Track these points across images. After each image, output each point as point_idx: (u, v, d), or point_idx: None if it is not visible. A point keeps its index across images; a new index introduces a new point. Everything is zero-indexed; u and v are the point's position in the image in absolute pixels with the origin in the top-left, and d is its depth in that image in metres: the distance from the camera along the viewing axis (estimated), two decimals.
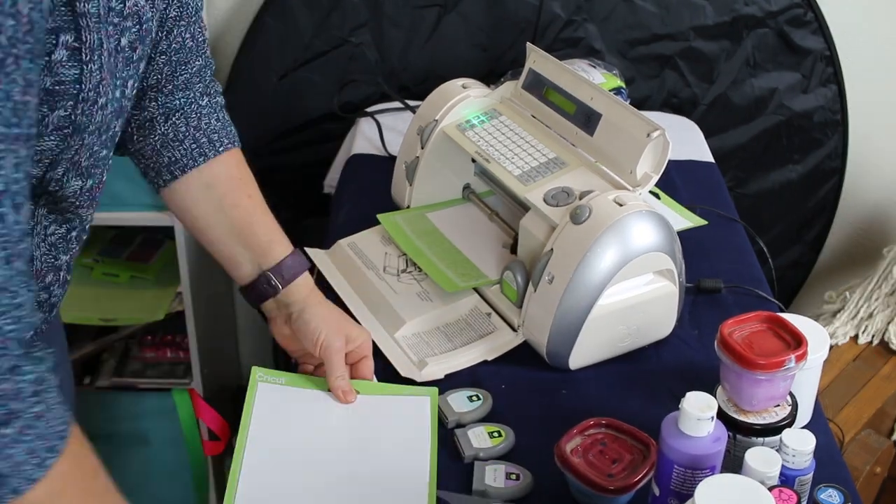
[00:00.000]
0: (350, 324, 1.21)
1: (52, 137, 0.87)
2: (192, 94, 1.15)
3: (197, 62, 1.14)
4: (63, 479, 0.81)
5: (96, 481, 0.86)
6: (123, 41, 0.90)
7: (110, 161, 1.02)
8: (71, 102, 0.85)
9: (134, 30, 0.92)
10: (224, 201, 1.17)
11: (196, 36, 1.12)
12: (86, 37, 0.83)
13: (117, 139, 1.01)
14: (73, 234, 1.03)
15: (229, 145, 1.18)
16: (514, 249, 1.37)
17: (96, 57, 0.85)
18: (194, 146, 1.15)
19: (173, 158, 1.15)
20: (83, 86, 0.85)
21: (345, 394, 1.17)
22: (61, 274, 1.05)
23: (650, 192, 1.36)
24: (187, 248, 1.87)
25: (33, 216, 0.95)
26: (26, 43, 0.73)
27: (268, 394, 1.18)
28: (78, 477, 0.83)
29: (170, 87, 1.13)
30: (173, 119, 1.15)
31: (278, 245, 1.19)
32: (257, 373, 1.20)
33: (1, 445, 0.75)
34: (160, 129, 1.14)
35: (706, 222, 1.53)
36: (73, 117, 0.87)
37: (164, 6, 1.04)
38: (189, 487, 1.99)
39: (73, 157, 0.92)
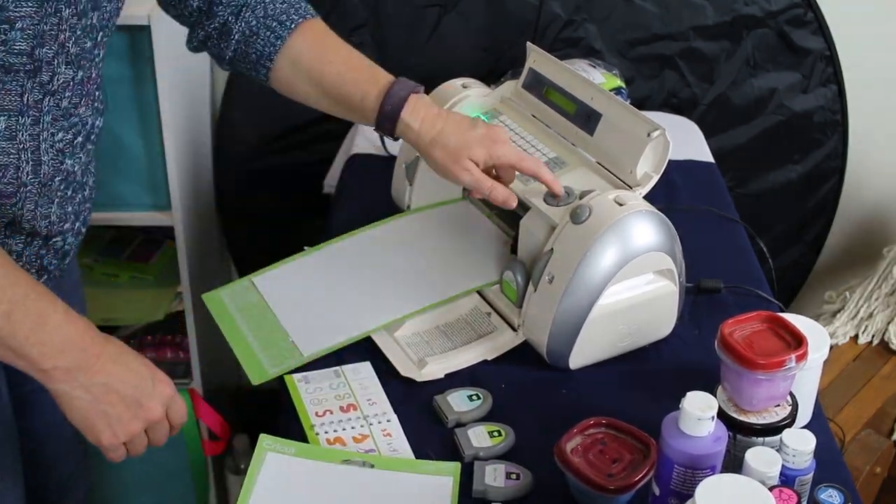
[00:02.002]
0: (474, 143, 1.23)
1: (28, 2, 0.92)
2: None
3: None
4: None
5: None
6: None
7: (99, 61, 1.08)
8: None
9: None
10: (311, 75, 1.23)
11: None
12: None
13: (106, 36, 1.07)
14: (79, 139, 1.08)
15: (299, 20, 1.23)
16: (514, 249, 1.37)
17: None
18: (269, 33, 1.22)
19: (258, 51, 1.23)
20: None
21: (506, 196, 1.23)
22: (72, 213, 1.10)
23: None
24: (187, 248, 1.87)
25: (39, 123, 1.01)
26: None
27: (275, 465, 1.10)
28: None
29: None
30: (243, 15, 1.22)
31: (369, 97, 1.23)
32: (264, 441, 1.12)
33: None
34: (236, 29, 1.22)
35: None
36: None
37: None
38: (189, 487, 1.99)
39: (58, 36, 0.97)
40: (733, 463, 1.04)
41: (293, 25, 1.23)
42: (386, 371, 1.23)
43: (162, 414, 1.04)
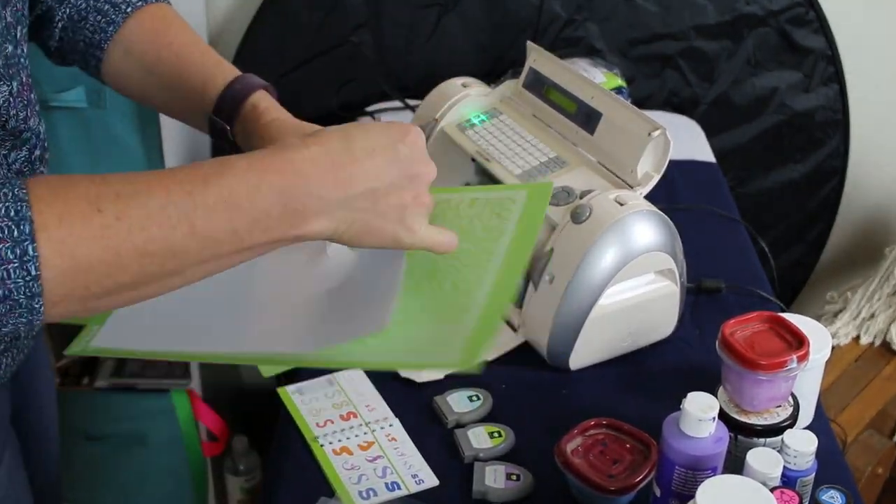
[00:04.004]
0: (319, 130, 0.89)
1: None
2: None
3: None
4: (59, 246, 0.69)
5: (101, 214, 0.70)
6: None
7: (26, 60, 0.93)
8: None
9: None
10: (145, 60, 1.03)
11: None
12: None
13: (22, 34, 0.92)
14: (36, 153, 0.95)
15: (139, 3, 1.05)
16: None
17: None
18: (100, 17, 1.04)
19: (87, 40, 1.04)
20: None
21: None
22: None
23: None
24: None
25: None
26: None
27: None
28: (75, 230, 0.70)
29: None
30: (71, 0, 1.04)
31: (213, 80, 1.01)
32: None
33: None
34: (60, 15, 1.04)
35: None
36: None
37: None
38: (188, 488, 1.99)
39: None
40: (734, 464, 1.04)
41: (130, 10, 1.04)
42: (384, 372, 1.23)
43: (432, 166, 0.84)
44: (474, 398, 1.18)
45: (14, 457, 1.08)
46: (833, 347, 1.77)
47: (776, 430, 1.05)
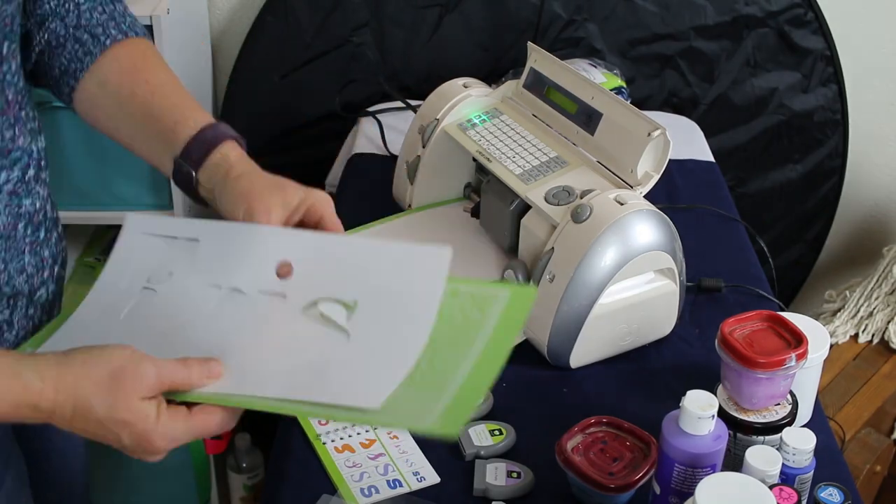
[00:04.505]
0: (289, 185, 0.97)
1: None
2: None
3: None
4: None
5: None
6: None
7: (13, 76, 0.93)
8: None
9: None
10: (120, 94, 1.02)
11: None
12: None
13: (9, 50, 0.92)
14: (30, 172, 0.96)
15: (119, 36, 1.03)
16: (475, 213, 1.42)
17: None
18: (77, 46, 1.02)
19: (62, 67, 1.03)
20: None
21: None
22: (49, 257, 0.98)
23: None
24: None
25: None
26: None
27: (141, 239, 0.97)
28: None
29: None
30: (50, 25, 1.02)
31: (185, 124, 0.99)
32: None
33: None
34: (38, 38, 1.02)
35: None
36: None
37: None
38: (191, 486, 1.99)
39: None
40: (734, 462, 1.04)
41: (108, 42, 1.03)
42: None
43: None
44: None
45: (16, 478, 1.07)
46: (831, 346, 1.78)
47: (775, 427, 1.05)
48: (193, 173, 0.98)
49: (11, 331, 0.99)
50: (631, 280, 1.23)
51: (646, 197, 1.24)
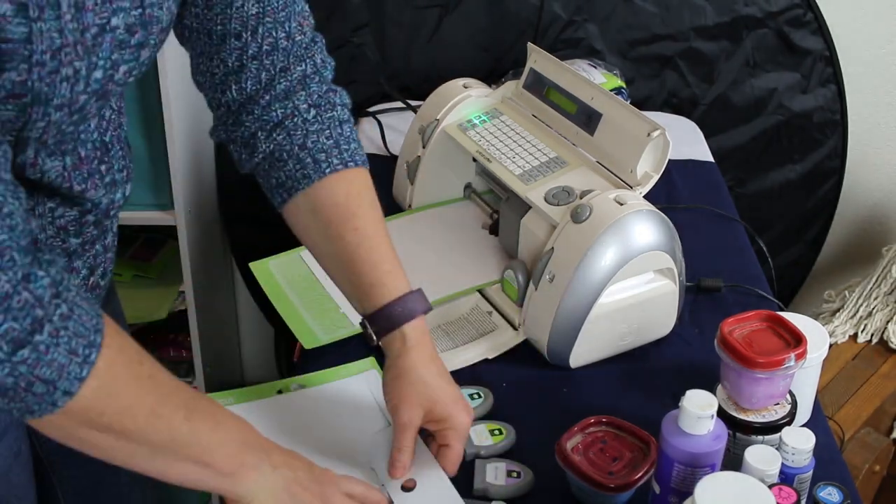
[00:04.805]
0: (444, 398, 1.04)
1: (9, 106, 0.80)
2: (293, 105, 1.04)
3: (298, 67, 1.04)
4: (110, 370, 0.80)
5: (142, 367, 0.85)
6: (116, 21, 0.83)
7: (84, 135, 0.94)
8: (24, 66, 0.78)
9: (134, 12, 0.84)
10: (329, 231, 1.05)
11: (293, 35, 1.03)
12: None
13: (102, 101, 0.92)
14: (88, 218, 0.98)
15: (339, 166, 1.05)
16: (493, 230, 1.41)
17: (49, 17, 0.78)
18: (298, 167, 1.04)
19: (280, 180, 1.05)
20: (35, 46, 0.78)
21: (393, 470, 1.03)
22: (81, 260, 1.01)
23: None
24: (190, 247, 1.87)
25: (32, 196, 0.91)
26: None
27: None
28: (124, 364, 0.83)
29: (267, 97, 1.03)
30: (275, 135, 1.04)
31: (381, 288, 1.05)
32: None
33: (39, 353, 0.76)
34: (262, 147, 1.04)
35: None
36: (29, 83, 0.79)
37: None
38: None
39: (41, 137, 0.85)
40: (733, 461, 1.04)
41: (328, 170, 1.04)
42: None
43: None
44: (475, 396, 1.19)
45: (24, 470, 1.09)
46: (831, 346, 1.78)
47: (774, 427, 1.06)
48: (375, 339, 1.06)
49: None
50: (631, 280, 1.23)
51: (645, 197, 1.25)
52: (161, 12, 0.88)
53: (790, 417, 1.07)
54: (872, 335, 1.96)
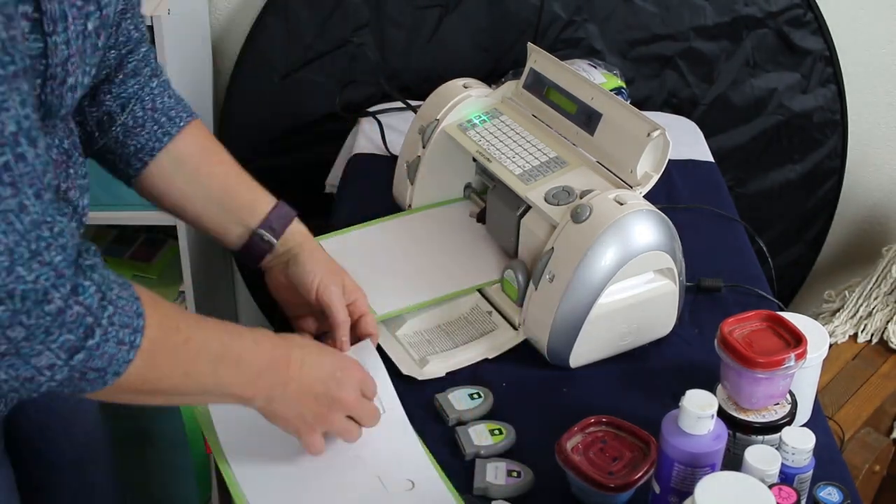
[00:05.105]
0: (346, 274, 1.21)
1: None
2: (142, 80, 1.15)
3: (142, 49, 1.14)
4: (151, 346, 0.86)
5: (179, 334, 0.91)
6: (90, 25, 0.86)
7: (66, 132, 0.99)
8: (39, 80, 0.81)
9: (95, 14, 0.87)
10: (199, 172, 1.18)
11: (139, 26, 1.13)
12: (45, 6, 0.79)
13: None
14: (73, 223, 0.96)
15: (188, 118, 1.18)
16: (480, 218, 1.42)
17: (61, 29, 0.80)
18: (156, 127, 1.15)
19: (139, 145, 1.15)
20: (49, 60, 0.80)
21: (342, 344, 1.17)
22: None
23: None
24: (190, 247, 1.87)
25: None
26: None
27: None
28: (163, 338, 0.89)
29: (120, 76, 1.13)
30: (130, 107, 1.14)
31: (261, 201, 1.20)
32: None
33: (92, 352, 0.81)
34: (119, 120, 1.14)
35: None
36: (42, 97, 0.82)
37: None
38: (191, 486, 2.00)
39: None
40: (733, 461, 1.04)
41: (182, 123, 1.17)
42: (387, 369, 1.24)
43: (356, 398, 1.07)
44: (475, 396, 1.19)
45: (8, 490, 1.11)
46: (831, 346, 1.78)
47: (774, 427, 1.06)
48: (275, 241, 1.19)
49: None
50: (631, 280, 1.23)
51: (645, 197, 1.25)
52: (111, 11, 0.90)
53: (790, 417, 1.07)
54: (872, 335, 1.96)
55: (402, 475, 1.08)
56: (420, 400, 1.20)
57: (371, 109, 1.91)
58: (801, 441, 1.02)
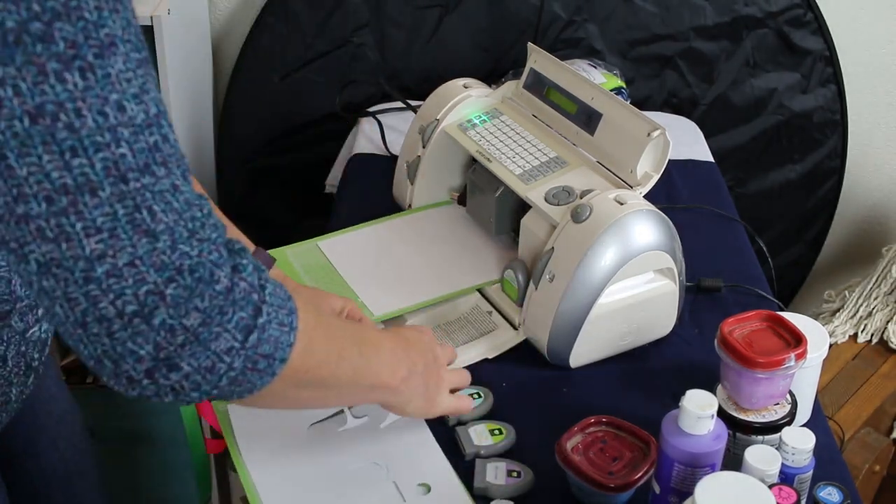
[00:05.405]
0: (332, 296, 1.21)
1: None
2: None
3: None
4: (306, 329, 0.86)
5: (320, 317, 0.92)
6: None
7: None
8: None
9: None
10: None
11: None
12: None
13: None
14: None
15: None
16: (461, 200, 1.45)
17: None
18: None
19: None
20: None
21: None
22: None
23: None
24: None
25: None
26: None
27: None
28: (312, 321, 0.88)
29: None
30: None
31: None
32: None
33: (261, 334, 0.80)
34: None
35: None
36: None
37: None
38: (191, 485, 2.00)
39: None
40: (733, 461, 1.04)
41: None
42: None
43: (444, 359, 1.13)
44: (475, 396, 1.19)
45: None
46: (831, 346, 1.78)
47: (774, 427, 1.06)
48: None
49: (5, 367, 1.00)
50: (631, 280, 1.23)
51: (646, 197, 1.25)
52: None
53: (790, 417, 1.07)
54: (872, 335, 1.96)
55: (418, 479, 1.08)
56: None
57: (371, 109, 1.91)
58: (801, 441, 1.02)
